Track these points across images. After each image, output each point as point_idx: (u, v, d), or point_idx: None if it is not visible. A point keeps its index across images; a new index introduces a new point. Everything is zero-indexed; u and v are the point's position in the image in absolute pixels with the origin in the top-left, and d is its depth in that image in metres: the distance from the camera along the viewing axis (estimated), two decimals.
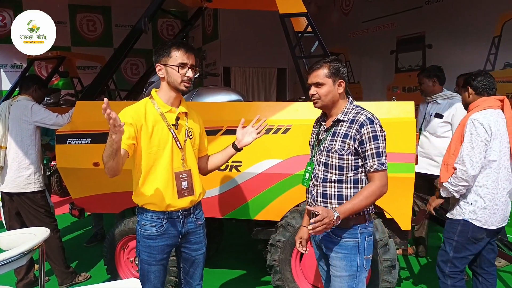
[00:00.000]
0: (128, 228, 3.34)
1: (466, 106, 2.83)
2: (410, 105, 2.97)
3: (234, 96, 3.51)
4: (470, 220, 2.62)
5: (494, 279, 2.87)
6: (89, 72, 9.29)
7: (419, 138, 3.85)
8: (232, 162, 3.06)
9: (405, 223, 2.97)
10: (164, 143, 2.10)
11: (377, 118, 2.04)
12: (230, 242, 4.68)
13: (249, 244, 4.37)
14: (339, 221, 1.93)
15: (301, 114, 3.07)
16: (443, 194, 2.79)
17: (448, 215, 2.80)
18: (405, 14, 6.62)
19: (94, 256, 4.37)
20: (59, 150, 3.29)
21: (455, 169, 2.62)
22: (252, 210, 3.18)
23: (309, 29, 3.21)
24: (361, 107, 2.11)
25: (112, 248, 3.41)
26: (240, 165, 3.07)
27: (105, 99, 1.68)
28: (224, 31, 8.91)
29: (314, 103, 2.14)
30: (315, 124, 2.30)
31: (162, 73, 2.11)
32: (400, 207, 2.92)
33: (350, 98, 2.14)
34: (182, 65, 2.07)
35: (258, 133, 2.33)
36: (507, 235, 4.70)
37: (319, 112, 3.03)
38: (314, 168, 2.17)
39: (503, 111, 2.69)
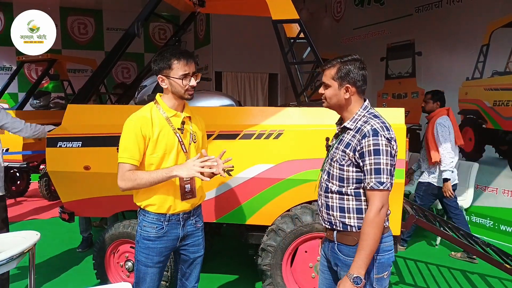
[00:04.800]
0: (118, 233, 3.31)
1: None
2: (400, 111, 3.01)
3: (226, 101, 3.52)
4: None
5: (462, 216, 4.52)
6: (79, 75, 9.24)
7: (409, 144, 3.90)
8: None
9: (395, 228, 2.99)
10: (170, 147, 2.13)
11: (387, 130, 1.82)
12: (220, 247, 4.68)
13: (240, 249, 4.37)
14: (363, 279, 1.76)
15: (293, 119, 3.09)
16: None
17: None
18: (395, 21, 6.70)
19: (84, 260, 4.33)
20: (49, 153, 3.27)
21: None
22: (243, 215, 3.18)
23: (302, 35, 3.24)
24: (374, 115, 1.89)
25: (102, 253, 3.38)
26: (231, 170, 3.07)
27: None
28: (216, 36, 8.93)
29: (323, 103, 2.01)
30: None
31: (165, 84, 2.13)
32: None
33: (365, 104, 1.93)
34: (185, 76, 2.10)
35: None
36: (505, 243, 4.80)
37: (311, 117, 3.08)
38: (321, 175, 2.05)
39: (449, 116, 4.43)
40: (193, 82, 2.13)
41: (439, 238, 4.83)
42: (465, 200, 5.09)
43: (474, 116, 5.52)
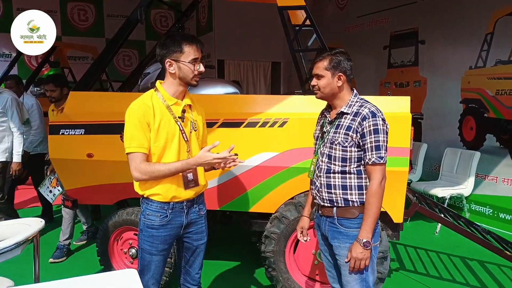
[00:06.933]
0: (122, 220, 3.32)
1: None
2: (406, 100, 3.00)
3: (230, 89, 3.51)
4: None
5: None
6: (80, 62, 9.15)
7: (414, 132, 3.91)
8: None
9: (397, 216, 3.01)
10: (171, 136, 2.11)
11: (380, 112, 2.06)
12: (223, 234, 4.70)
13: (242, 236, 4.39)
14: (371, 244, 2.03)
15: (298, 107, 3.09)
16: None
17: None
18: (399, 9, 6.64)
19: (87, 247, 4.36)
20: (52, 140, 3.27)
21: None
22: (247, 203, 3.19)
23: (307, 22, 3.21)
24: (365, 100, 2.13)
25: (105, 240, 3.40)
26: (236, 158, 3.07)
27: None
28: (218, 24, 8.85)
29: (315, 94, 2.18)
30: (320, 116, 2.32)
31: (173, 68, 2.10)
32: (393, 200, 2.96)
33: (355, 91, 2.15)
34: (195, 61, 2.09)
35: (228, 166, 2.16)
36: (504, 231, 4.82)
37: (316, 105, 3.05)
38: (318, 159, 2.20)
39: None
40: (201, 68, 2.12)
41: (439, 226, 4.86)
42: (466, 188, 5.12)
43: (476, 105, 5.50)
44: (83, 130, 3.21)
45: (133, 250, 3.38)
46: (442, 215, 3.53)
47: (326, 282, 3.11)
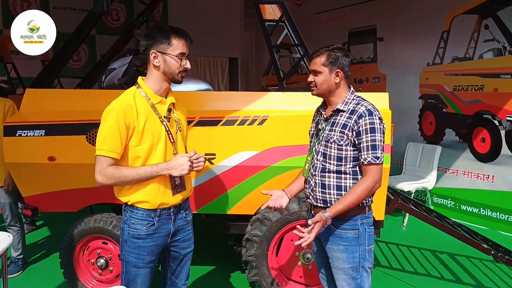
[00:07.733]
0: (89, 228, 3.07)
1: None
2: (385, 96, 3.00)
3: (203, 85, 3.35)
4: None
5: None
6: (24, 57, 8.45)
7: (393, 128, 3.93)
8: (206, 154, 2.91)
9: (379, 213, 3.00)
10: (157, 138, 1.96)
11: (377, 110, 2.00)
12: (198, 237, 4.50)
13: (218, 239, 4.22)
14: (329, 223, 1.95)
15: (277, 104, 2.99)
16: None
17: None
18: (357, 6, 6.72)
19: (47, 258, 4.03)
20: (8, 143, 2.96)
21: None
22: (225, 204, 3.06)
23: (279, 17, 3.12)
24: (362, 98, 2.06)
25: (70, 250, 3.13)
26: (214, 158, 2.93)
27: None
28: (174, 18, 8.55)
29: (311, 91, 2.10)
30: (315, 113, 2.25)
31: (157, 61, 1.95)
32: (375, 198, 2.93)
33: (352, 88, 2.09)
34: (182, 55, 1.96)
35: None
36: (465, 222, 4.98)
37: (296, 102, 2.99)
38: (313, 158, 2.12)
39: None
40: (188, 64, 1.99)
41: (406, 220, 4.97)
42: (429, 182, 5.26)
43: (434, 101, 5.69)
44: (43, 131, 2.96)
45: (102, 260, 3.14)
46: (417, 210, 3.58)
47: (310, 284, 3.05)
